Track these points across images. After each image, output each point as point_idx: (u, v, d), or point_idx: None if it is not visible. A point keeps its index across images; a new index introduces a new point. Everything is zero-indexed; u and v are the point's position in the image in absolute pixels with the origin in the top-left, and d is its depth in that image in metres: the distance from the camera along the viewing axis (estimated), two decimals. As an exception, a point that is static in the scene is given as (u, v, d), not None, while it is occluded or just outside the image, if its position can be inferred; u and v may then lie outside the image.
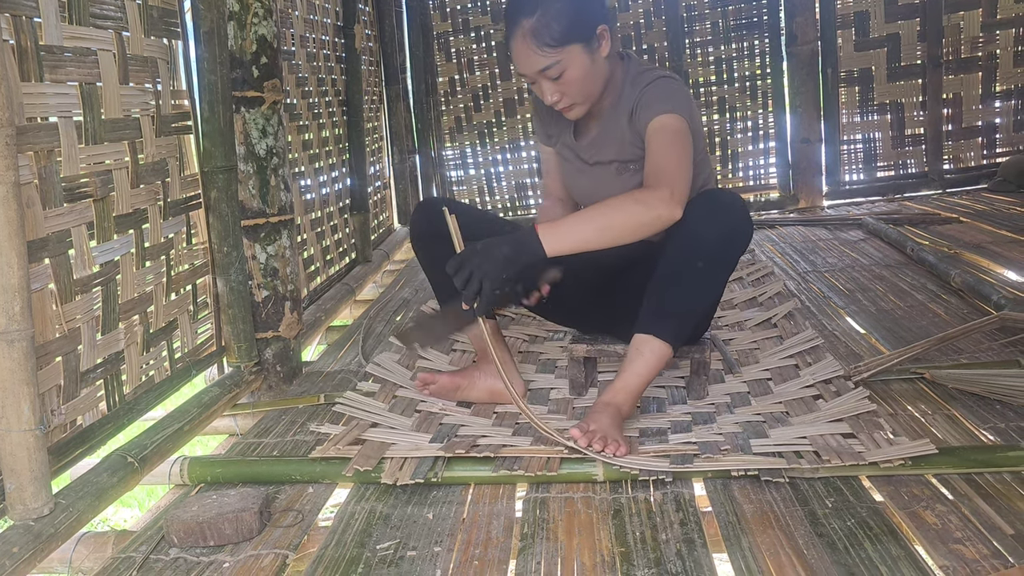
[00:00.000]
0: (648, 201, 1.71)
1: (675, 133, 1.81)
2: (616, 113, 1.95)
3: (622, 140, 1.96)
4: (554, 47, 1.77)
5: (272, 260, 2.48)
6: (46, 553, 1.51)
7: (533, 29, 1.76)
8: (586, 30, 1.81)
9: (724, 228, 1.83)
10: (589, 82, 1.85)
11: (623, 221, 1.70)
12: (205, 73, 2.25)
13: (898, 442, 1.69)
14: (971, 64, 4.90)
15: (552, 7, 1.76)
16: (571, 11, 1.77)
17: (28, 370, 1.47)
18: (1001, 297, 2.52)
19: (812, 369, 2.16)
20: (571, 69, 1.80)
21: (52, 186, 1.66)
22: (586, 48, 1.81)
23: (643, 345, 1.83)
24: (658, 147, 1.80)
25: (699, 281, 1.85)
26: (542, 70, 1.80)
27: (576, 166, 2.09)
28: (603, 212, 1.71)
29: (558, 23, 1.76)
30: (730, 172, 5.32)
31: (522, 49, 1.79)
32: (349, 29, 4.04)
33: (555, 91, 1.83)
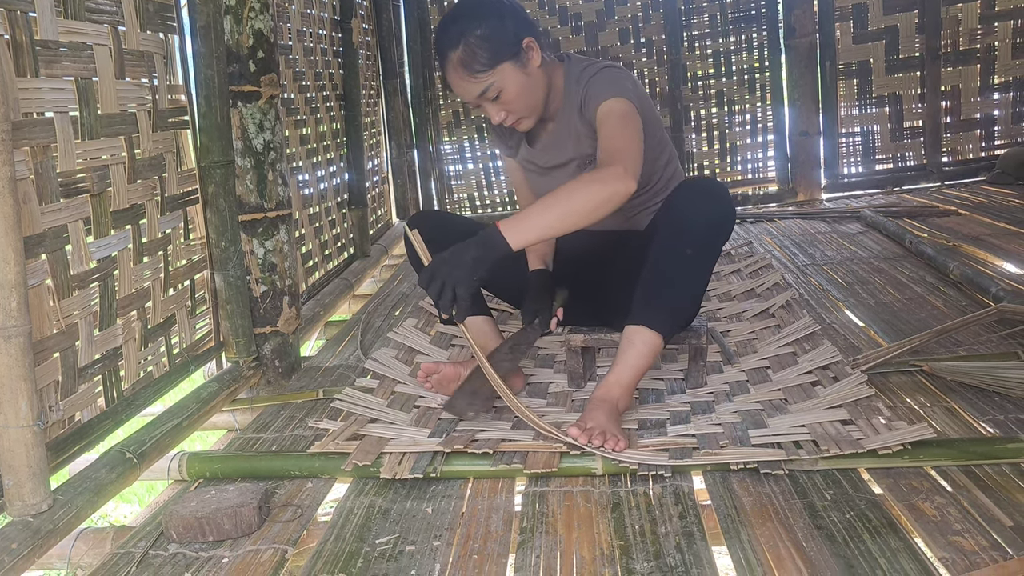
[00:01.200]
0: (602, 179, 1.71)
1: (622, 115, 1.84)
2: (565, 113, 2.01)
3: (577, 137, 2.01)
4: (484, 71, 1.84)
5: (270, 255, 2.48)
6: (45, 549, 1.51)
7: (461, 60, 1.83)
8: (511, 47, 1.85)
9: (710, 214, 1.85)
10: (528, 95, 1.91)
11: (581, 203, 1.69)
12: (202, 68, 2.24)
13: (896, 427, 1.69)
14: (969, 56, 4.90)
15: (473, 35, 1.82)
16: (492, 34, 1.83)
17: (26, 366, 1.47)
18: (1000, 289, 2.52)
19: (810, 355, 2.17)
20: (507, 87, 1.86)
21: (48, 181, 1.65)
22: (516, 63, 1.87)
23: (635, 336, 1.84)
24: (608, 130, 1.83)
25: (688, 268, 1.86)
26: (480, 94, 1.87)
27: (537, 172, 2.15)
28: (560, 198, 1.70)
29: (482, 48, 1.82)
30: (728, 165, 5.32)
31: (456, 80, 1.87)
32: (346, 23, 4.03)
33: (499, 110, 1.90)
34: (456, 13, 1.89)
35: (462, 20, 1.84)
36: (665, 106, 5.27)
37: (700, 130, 5.31)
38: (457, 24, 1.84)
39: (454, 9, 1.92)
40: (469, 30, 1.82)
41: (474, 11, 1.86)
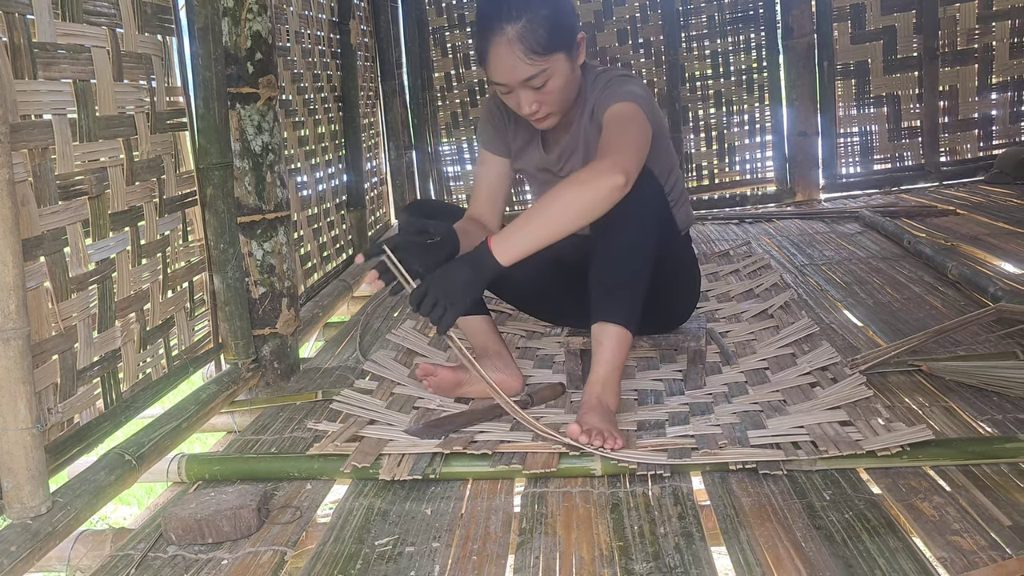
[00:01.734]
0: (588, 179, 1.63)
1: (625, 116, 1.77)
2: (583, 120, 1.93)
3: (588, 146, 1.93)
4: (542, 55, 1.70)
5: (269, 257, 2.48)
6: (44, 551, 1.51)
7: (520, 36, 1.68)
8: (570, 38, 1.76)
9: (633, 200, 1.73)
10: (568, 91, 1.81)
11: (569, 207, 1.62)
12: (200, 69, 2.24)
13: (895, 428, 1.69)
14: (967, 56, 4.91)
15: (539, 13, 1.69)
16: (557, 18, 1.72)
17: (24, 368, 1.47)
18: (998, 289, 2.53)
19: (808, 356, 2.17)
20: (555, 78, 1.74)
21: (47, 184, 1.65)
22: (568, 56, 1.76)
23: (600, 334, 1.84)
24: (607, 131, 1.76)
25: (626, 253, 1.80)
26: (527, 79, 1.72)
27: (545, 178, 2.04)
28: (547, 205, 1.63)
29: (546, 30, 1.69)
30: (727, 166, 5.32)
31: (506, 57, 1.70)
32: (345, 25, 4.03)
33: (534, 100, 1.76)
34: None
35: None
36: (664, 107, 5.27)
37: (698, 130, 5.31)
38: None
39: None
40: (536, 6, 1.68)
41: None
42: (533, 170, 2.05)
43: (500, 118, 2.03)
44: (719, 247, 3.82)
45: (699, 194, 5.33)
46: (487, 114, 2.06)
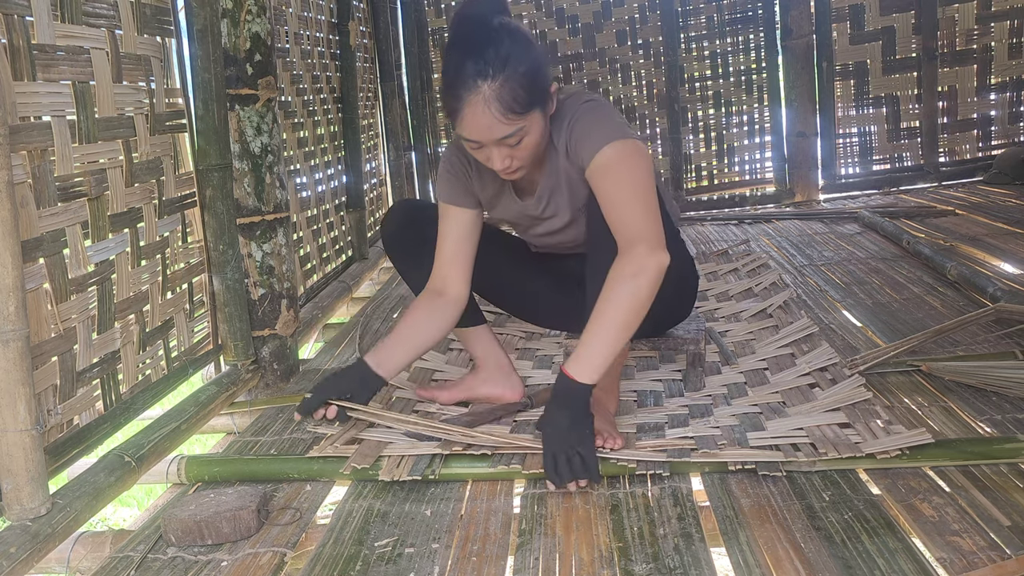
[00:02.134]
0: (636, 273, 1.59)
1: (619, 169, 1.64)
2: (552, 159, 1.78)
3: (570, 184, 1.79)
4: (520, 114, 1.58)
5: (268, 258, 2.48)
6: (44, 553, 1.51)
7: (497, 95, 1.55)
8: (545, 93, 1.65)
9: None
10: (542, 144, 1.69)
11: (632, 309, 1.59)
12: (199, 71, 2.24)
13: (894, 431, 1.69)
14: (966, 56, 4.91)
15: (517, 71, 1.56)
16: (535, 74, 1.59)
17: (24, 370, 1.47)
18: (997, 289, 2.53)
19: (808, 357, 2.18)
20: (531, 135, 1.63)
21: (46, 185, 1.65)
22: (543, 112, 1.65)
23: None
24: (609, 198, 1.64)
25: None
26: (503, 138, 1.60)
27: (530, 223, 1.93)
28: (610, 314, 1.59)
29: (524, 88, 1.57)
30: (726, 167, 5.32)
31: (482, 116, 1.57)
32: (344, 26, 4.03)
33: (507, 157, 1.64)
34: (489, 37, 1.57)
35: (500, 48, 1.56)
36: (663, 107, 5.27)
37: (697, 131, 5.31)
38: (495, 51, 1.55)
39: (477, 33, 1.59)
40: (513, 63, 1.56)
41: (513, 41, 1.58)
42: (514, 218, 1.94)
43: (462, 169, 1.89)
44: (718, 247, 3.82)
45: (698, 195, 5.33)
46: (448, 166, 1.90)
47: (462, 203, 1.88)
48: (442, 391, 2.08)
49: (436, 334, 1.89)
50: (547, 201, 1.83)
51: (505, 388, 2.05)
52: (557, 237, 1.93)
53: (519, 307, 2.24)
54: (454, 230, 1.89)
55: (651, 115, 5.32)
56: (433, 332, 1.88)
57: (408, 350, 1.86)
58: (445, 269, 1.89)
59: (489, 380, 2.05)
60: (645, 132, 5.34)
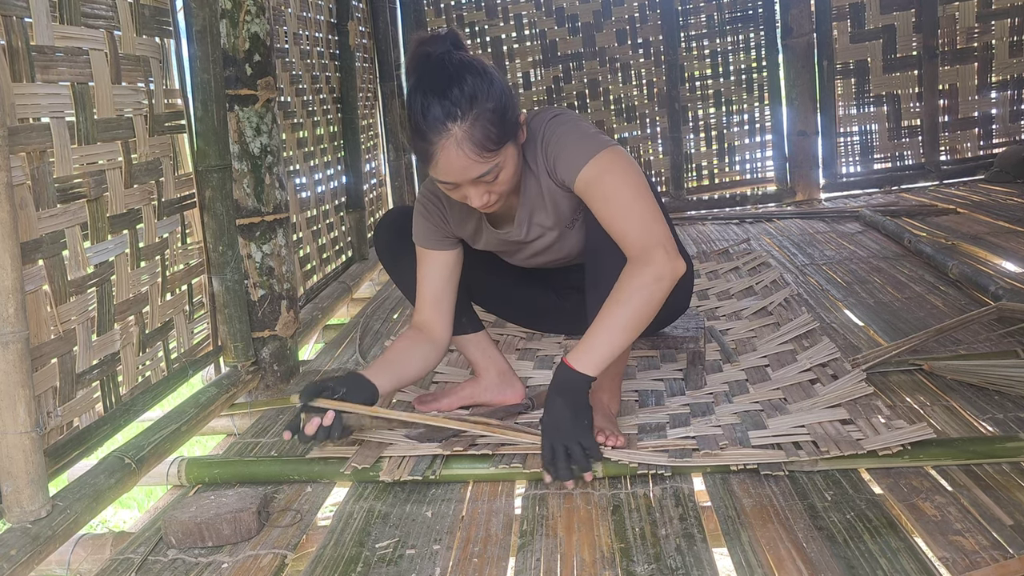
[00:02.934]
0: (654, 275, 1.57)
1: (608, 179, 1.62)
2: (528, 182, 1.74)
3: (554, 202, 1.75)
4: (494, 151, 1.54)
5: (268, 259, 2.48)
6: (44, 555, 1.50)
7: (469, 135, 1.51)
8: (516, 125, 1.61)
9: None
10: (517, 174, 1.66)
11: (643, 312, 1.58)
12: (198, 71, 2.24)
13: (896, 427, 1.69)
14: (967, 55, 4.90)
15: (485, 107, 1.52)
16: (504, 108, 1.55)
17: (23, 372, 1.46)
18: (999, 287, 2.52)
19: (809, 353, 2.18)
20: (507, 168, 1.59)
21: (45, 187, 1.65)
22: (515, 143, 1.62)
23: None
24: (608, 209, 1.62)
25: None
26: (480, 176, 1.56)
27: (517, 248, 1.88)
28: (621, 316, 1.58)
29: (494, 124, 1.53)
30: (727, 166, 5.32)
31: (455, 159, 1.53)
32: (343, 26, 4.03)
33: (484, 192, 1.60)
34: (453, 76, 1.53)
35: (465, 87, 1.52)
36: (663, 106, 5.27)
37: (698, 130, 5.31)
38: (460, 90, 1.52)
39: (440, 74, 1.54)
40: (481, 100, 1.52)
41: (477, 78, 1.54)
42: (497, 247, 1.90)
43: (436, 212, 1.85)
44: (719, 247, 3.81)
45: (699, 194, 5.32)
46: (422, 210, 1.86)
47: (438, 247, 1.85)
48: (442, 399, 2.07)
49: (421, 367, 1.86)
50: (528, 225, 1.79)
51: (506, 393, 2.04)
52: (546, 256, 1.89)
53: (517, 313, 2.22)
54: (432, 273, 1.87)
55: (651, 114, 5.32)
56: (419, 364, 1.85)
57: (397, 373, 1.80)
58: (427, 313, 1.88)
59: (490, 388, 2.04)
60: (646, 131, 5.34)
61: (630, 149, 5.36)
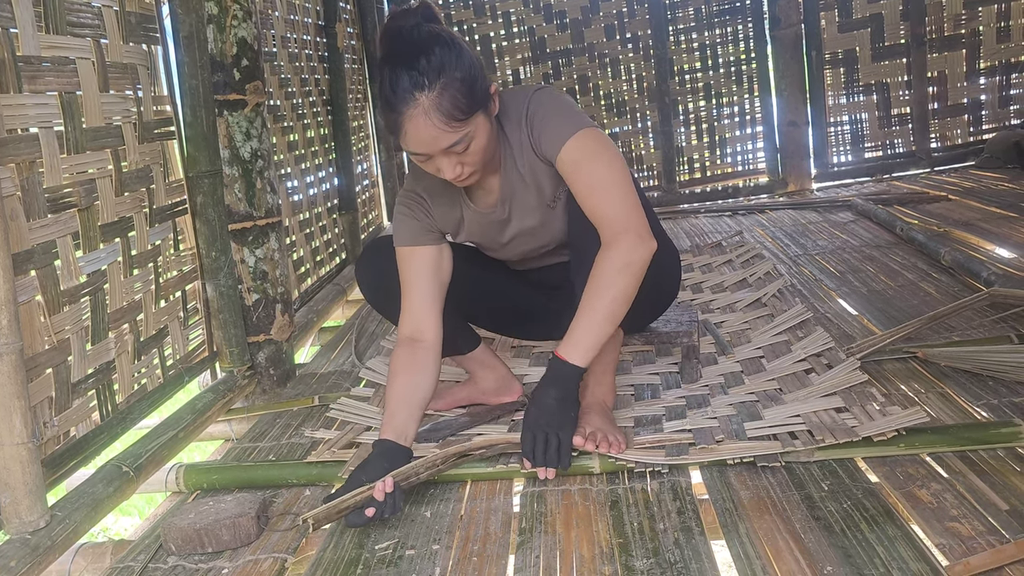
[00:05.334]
0: (624, 260, 1.61)
1: (591, 156, 1.64)
2: (508, 159, 1.74)
3: (536, 178, 1.75)
4: (463, 120, 1.55)
5: (261, 263, 2.47)
6: (44, 566, 1.50)
7: (437, 104, 1.52)
8: (485, 94, 1.60)
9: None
10: (491, 147, 1.65)
11: (621, 297, 1.62)
12: (186, 78, 2.23)
13: (890, 412, 1.70)
14: (955, 42, 4.91)
15: (453, 76, 1.53)
16: (471, 77, 1.56)
17: (18, 383, 1.46)
18: (991, 274, 2.53)
19: (803, 343, 2.19)
20: (478, 139, 1.59)
21: (35, 197, 1.65)
22: (486, 113, 1.61)
23: None
24: (587, 188, 1.65)
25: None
26: (450, 147, 1.56)
27: (496, 231, 1.86)
28: (601, 300, 1.62)
29: (463, 93, 1.54)
30: (718, 158, 5.32)
31: (425, 128, 1.53)
32: (331, 28, 4.03)
33: (457, 164, 1.60)
34: (420, 47, 1.54)
35: (432, 57, 1.53)
36: (653, 101, 5.27)
37: (689, 124, 5.31)
38: (428, 60, 1.52)
39: (408, 45, 1.55)
40: (448, 70, 1.53)
41: (445, 48, 1.55)
42: (481, 231, 1.87)
43: (418, 206, 1.83)
44: (712, 239, 3.82)
45: (691, 187, 5.33)
46: (403, 209, 1.83)
47: (424, 241, 1.81)
48: (439, 399, 2.07)
49: (431, 385, 1.78)
50: (510, 203, 1.79)
51: (503, 393, 2.04)
52: (530, 242, 1.87)
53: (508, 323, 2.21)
54: (421, 273, 1.81)
55: (642, 109, 5.32)
56: (428, 385, 1.77)
57: (415, 411, 1.73)
58: (417, 317, 1.79)
59: (488, 390, 2.04)
60: (636, 126, 5.34)
61: (621, 144, 5.36)
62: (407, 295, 1.81)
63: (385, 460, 1.62)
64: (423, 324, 1.79)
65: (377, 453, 1.64)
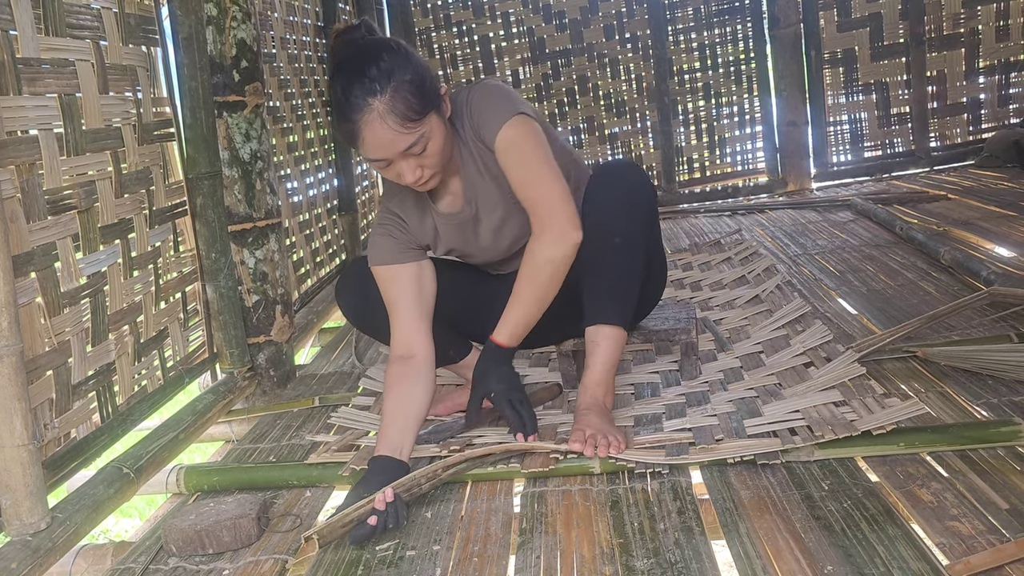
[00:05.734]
0: (551, 248, 1.69)
1: (522, 144, 1.70)
2: (465, 159, 1.78)
3: (491, 173, 1.79)
4: (417, 120, 1.58)
5: (261, 264, 2.48)
6: (45, 567, 1.51)
7: (391, 108, 1.56)
8: (436, 95, 1.65)
9: (627, 198, 1.82)
10: (448, 147, 1.68)
11: (548, 282, 1.72)
12: (186, 79, 2.24)
13: (889, 404, 1.71)
14: (954, 41, 4.91)
15: (403, 79, 1.57)
16: (421, 78, 1.60)
17: (19, 385, 1.46)
18: (991, 272, 2.53)
19: (802, 337, 2.20)
20: (434, 139, 1.62)
21: (35, 199, 1.65)
22: (439, 114, 1.65)
23: (597, 335, 1.82)
24: (518, 175, 1.71)
25: (623, 256, 1.82)
26: (408, 148, 1.59)
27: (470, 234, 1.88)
28: (529, 287, 1.73)
29: (414, 94, 1.58)
30: (718, 158, 5.32)
31: (381, 132, 1.57)
32: (330, 29, 4.02)
33: (416, 167, 1.63)
34: (368, 55, 1.59)
35: (381, 63, 1.57)
36: (653, 101, 5.27)
37: (688, 123, 5.31)
38: (377, 68, 1.57)
39: (357, 55, 1.60)
40: (397, 74, 1.57)
41: (392, 54, 1.60)
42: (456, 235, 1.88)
43: (396, 224, 1.84)
44: (711, 239, 3.82)
45: (691, 187, 5.33)
46: (380, 230, 1.84)
47: (404, 259, 1.82)
48: (440, 403, 2.07)
49: (426, 398, 1.78)
50: (475, 200, 1.82)
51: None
52: (505, 234, 1.88)
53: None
54: (405, 290, 1.81)
55: (641, 109, 5.32)
56: (423, 398, 1.77)
57: (410, 425, 1.73)
58: (407, 335, 1.80)
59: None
60: (636, 126, 5.34)
61: (621, 144, 5.37)
62: (394, 315, 1.81)
63: (382, 475, 1.61)
64: (413, 341, 1.80)
65: (374, 470, 1.64)
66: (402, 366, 1.78)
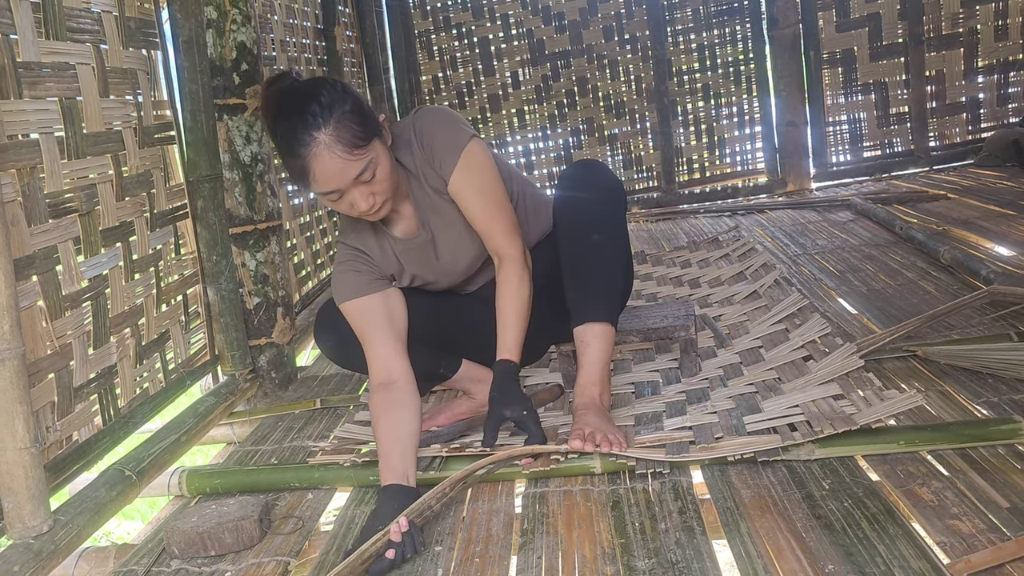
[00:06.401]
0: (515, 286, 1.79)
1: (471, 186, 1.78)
2: (413, 186, 1.81)
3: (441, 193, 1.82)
4: (363, 146, 1.61)
5: (262, 267, 2.48)
6: (47, 570, 1.51)
7: (337, 138, 1.58)
8: (376, 122, 1.68)
9: (598, 196, 1.88)
10: (394, 173, 1.71)
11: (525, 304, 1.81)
12: (186, 82, 2.24)
13: (888, 397, 1.72)
14: (953, 40, 4.91)
15: (344, 109, 1.60)
16: (360, 107, 1.64)
17: (21, 388, 1.47)
18: (990, 271, 2.53)
19: (800, 330, 2.21)
20: (381, 165, 1.65)
21: (36, 203, 1.65)
22: (382, 140, 1.68)
23: (586, 335, 1.84)
24: (472, 216, 1.80)
25: (602, 252, 1.88)
26: (358, 175, 1.61)
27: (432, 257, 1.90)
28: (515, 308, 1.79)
29: (356, 122, 1.61)
30: (717, 159, 5.33)
31: (330, 163, 1.58)
32: (330, 31, 4.03)
33: (368, 194, 1.65)
34: (306, 95, 1.61)
35: (321, 99, 1.60)
36: (652, 102, 5.28)
37: (688, 124, 5.31)
38: (318, 104, 1.59)
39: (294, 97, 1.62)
40: (338, 106, 1.60)
41: (330, 90, 1.63)
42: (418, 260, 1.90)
43: (360, 258, 1.85)
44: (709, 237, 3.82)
45: (690, 187, 5.33)
46: (346, 266, 1.85)
47: (372, 289, 1.83)
48: (440, 414, 2.07)
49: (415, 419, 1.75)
50: (429, 222, 1.85)
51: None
52: (464, 253, 1.89)
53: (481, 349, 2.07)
54: (375, 320, 1.81)
55: (640, 110, 5.32)
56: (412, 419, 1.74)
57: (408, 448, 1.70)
58: (384, 363, 1.79)
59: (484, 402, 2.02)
60: (635, 127, 5.34)
61: (620, 145, 5.37)
62: (369, 344, 1.81)
63: (395, 502, 1.57)
64: (392, 366, 1.79)
65: (385, 500, 1.60)
66: (385, 393, 1.76)
